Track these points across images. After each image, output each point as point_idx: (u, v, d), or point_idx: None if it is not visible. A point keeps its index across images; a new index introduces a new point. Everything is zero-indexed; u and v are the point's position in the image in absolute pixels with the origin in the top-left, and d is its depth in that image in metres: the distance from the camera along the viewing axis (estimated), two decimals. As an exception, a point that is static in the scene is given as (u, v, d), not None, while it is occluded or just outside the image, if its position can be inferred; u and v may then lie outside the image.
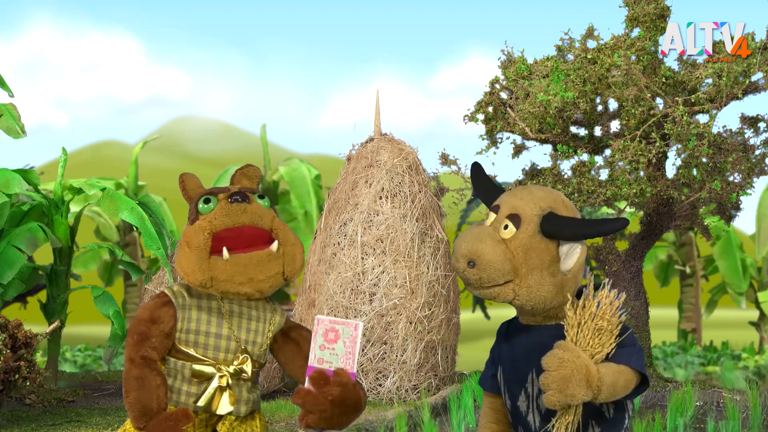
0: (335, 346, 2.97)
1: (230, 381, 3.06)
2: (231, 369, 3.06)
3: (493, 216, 2.79)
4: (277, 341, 3.22)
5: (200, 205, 3.04)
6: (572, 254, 2.73)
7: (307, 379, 2.96)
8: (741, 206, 8.99)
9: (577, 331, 2.67)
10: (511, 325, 3.01)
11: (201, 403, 3.06)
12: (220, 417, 3.12)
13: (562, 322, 2.80)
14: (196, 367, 3.05)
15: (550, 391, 2.56)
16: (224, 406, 3.06)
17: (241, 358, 3.08)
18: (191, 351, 3.05)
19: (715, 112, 8.14)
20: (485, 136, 9.25)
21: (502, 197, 2.84)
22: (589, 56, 8.45)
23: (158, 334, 3.01)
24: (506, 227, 2.74)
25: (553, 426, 2.72)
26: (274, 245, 3.02)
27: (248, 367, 3.09)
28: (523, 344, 2.88)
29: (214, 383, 3.05)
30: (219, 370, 3.05)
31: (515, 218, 2.74)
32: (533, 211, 2.75)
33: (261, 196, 3.12)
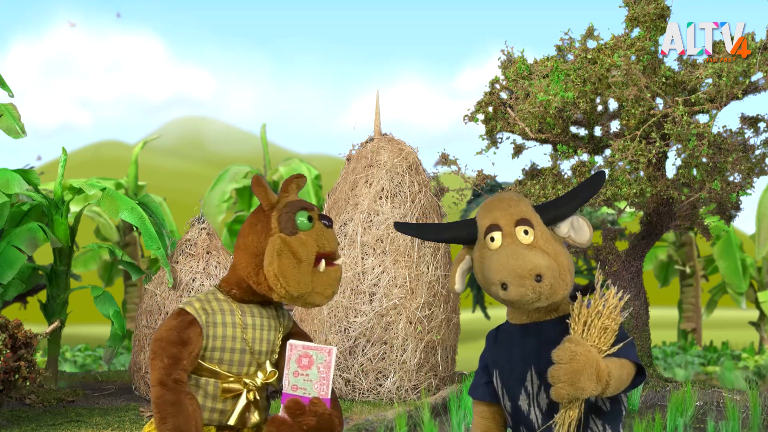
0: (309, 372, 2.94)
1: (258, 395, 3.06)
2: (258, 382, 3.05)
3: (498, 233, 2.77)
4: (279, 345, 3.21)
5: (301, 220, 3.01)
6: (580, 227, 2.82)
7: (281, 407, 2.93)
8: (741, 206, 8.99)
9: (584, 330, 2.70)
10: (501, 329, 3.03)
11: (232, 422, 3.03)
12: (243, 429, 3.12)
13: (557, 316, 2.84)
14: (224, 384, 3.02)
15: (560, 384, 2.57)
16: (254, 418, 3.06)
17: (269, 372, 3.07)
18: (216, 368, 3.02)
19: (715, 112, 8.14)
20: (485, 136, 9.25)
21: (489, 216, 2.82)
22: (589, 56, 8.45)
23: (188, 355, 2.96)
24: (526, 232, 2.75)
25: (555, 422, 2.73)
26: (340, 260, 3.10)
27: (275, 381, 3.09)
28: (519, 344, 2.89)
29: (243, 401, 3.03)
30: (245, 385, 3.03)
31: (525, 222, 2.77)
32: (530, 209, 2.82)
33: None
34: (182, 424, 2.86)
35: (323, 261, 2.98)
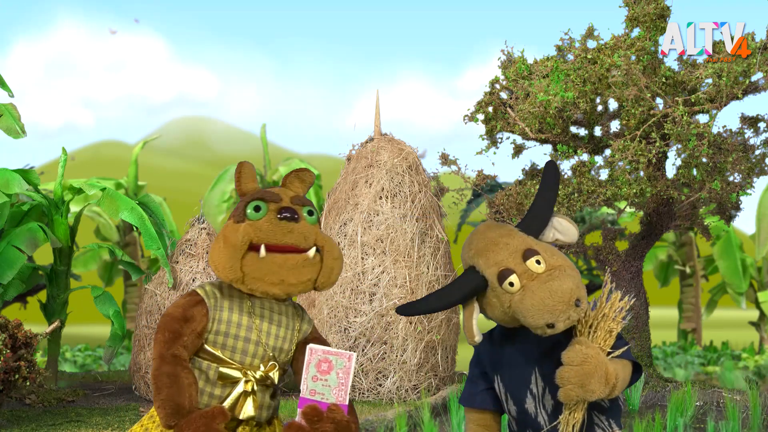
0: (328, 378, 2.92)
1: (255, 387, 3.04)
2: (258, 375, 3.04)
3: (515, 278, 2.71)
4: (297, 348, 3.18)
5: (249, 211, 3.00)
6: (565, 228, 2.82)
7: (299, 412, 2.92)
8: (741, 206, 8.99)
9: (590, 332, 2.69)
10: (494, 334, 3.00)
11: (225, 407, 3.04)
12: (240, 421, 3.11)
13: None
14: (223, 370, 3.02)
15: (569, 386, 2.56)
16: (247, 411, 3.03)
17: (269, 365, 3.06)
18: (218, 353, 3.02)
19: (715, 112, 8.13)
20: (485, 136, 9.25)
21: (493, 261, 2.75)
22: (589, 56, 8.45)
23: (190, 333, 2.98)
24: (538, 262, 2.72)
25: (559, 423, 2.73)
26: (311, 251, 3.00)
27: (275, 375, 3.07)
28: (519, 347, 2.88)
29: (239, 388, 3.02)
30: (245, 374, 3.02)
31: (532, 252, 2.74)
32: (522, 235, 2.80)
33: (311, 212, 3.07)
34: (175, 395, 2.87)
35: (263, 247, 2.93)
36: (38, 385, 7.46)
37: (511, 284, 2.70)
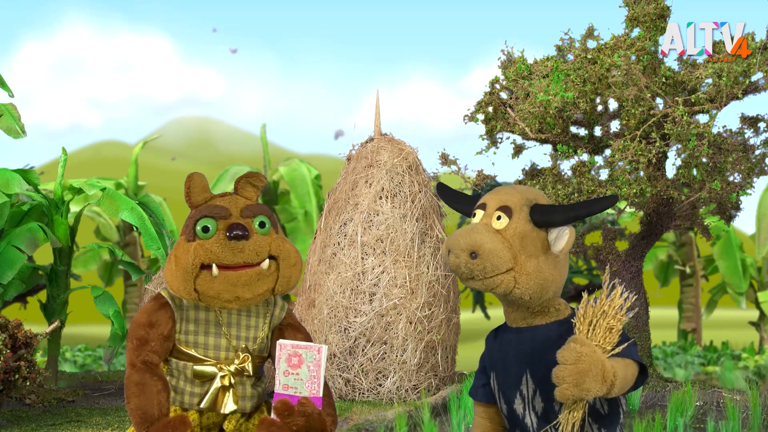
0: (299, 371, 2.94)
1: (233, 380, 3.06)
2: (232, 368, 3.06)
3: (481, 212, 2.86)
4: (273, 333, 3.21)
5: (198, 230, 3.00)
6: (562, 236, 2.82)
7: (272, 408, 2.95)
8: (741, 206, 8.98)
9: (589, 329, 2.68)
10: (500, 331, 3.02)
11: (204, 404, 3.06)
12: (225, 415, 3.12)
13: (552, 320, 2.83)
14: (197, 367, 3.05)
15: (564, 385, 2.55)
16: (228, 405, 3.06)
17: (242, 357, 3.08)
18: (192, 351, 3.05)
19: (715, 112, 8.13)
20: (485, 136, 9.25)
21: (487, 196, 2.92)
22: (589, 56, 8.45)
23: (157, 337, 3.01)
24: (499, 218, 2.81)
25: (556, 423, 2.71)
26: (265, 264, 3.00)
27: (249, 366, 3.09)
28: (514, 347, 2.88)
29: (216, 383, 3.05)
30: (221, 369, 3.05)
31: (506, 209, 2.82)
32: (521, 202, 2.84)
33: (262, 224, 3.05)
34: (144, 405, 2.94)
35: (214, 266, 2.94)
36: (38, 385, 7.46)
37: (473, 215, 2.91)
